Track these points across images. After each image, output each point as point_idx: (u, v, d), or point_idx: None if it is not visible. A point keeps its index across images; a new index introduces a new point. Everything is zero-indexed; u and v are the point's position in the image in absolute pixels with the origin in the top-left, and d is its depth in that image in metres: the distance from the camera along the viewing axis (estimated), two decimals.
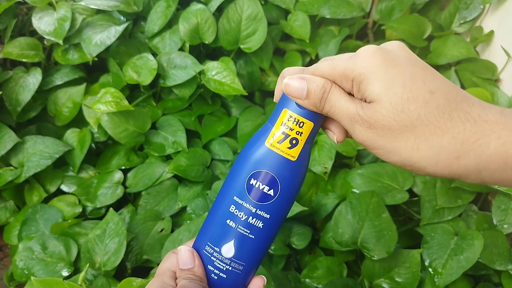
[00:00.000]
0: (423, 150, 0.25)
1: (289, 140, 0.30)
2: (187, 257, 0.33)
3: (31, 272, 0.63)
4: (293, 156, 0.31)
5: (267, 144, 0.31)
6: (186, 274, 0.33)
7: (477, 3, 0.85)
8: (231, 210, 0.32)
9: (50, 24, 0.75)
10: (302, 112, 0.30)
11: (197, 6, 0.80)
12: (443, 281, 0.59)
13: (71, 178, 0.78)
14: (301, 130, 0.30)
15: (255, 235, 0.32)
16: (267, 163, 0.31)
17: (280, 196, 0.31)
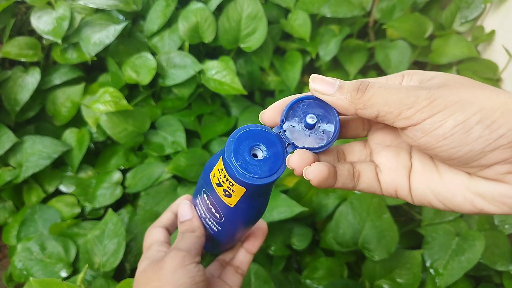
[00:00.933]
0: (503, 97, 0.20)
1: (222, 189, 0.28)
2: (186, 209, 0.36)
3: (30, 273, 0.63)
4: (229, 203, 0.28)
5: (211, 177, 0.29)
6: (186, 226, 0.35)
7: (478, 2, 0.85)
8: (202, 194, 0.33)
9: (49, 23, 0.75)
10: (229, 172, 0.25)
11: (197, 5, 0.80)
12: (444, 282, 0.59)
13: (69, 178, 0.77)
14: (232, 188, 0.26)
15: (218, 229, 0.34)
16: (210, 194, 0.31)
17: (225, 223, 0.32)
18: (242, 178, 0.24)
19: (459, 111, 0.20)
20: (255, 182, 0.24)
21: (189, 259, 0.32)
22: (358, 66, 0.83)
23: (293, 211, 0.62)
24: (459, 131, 0.20)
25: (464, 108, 0.20)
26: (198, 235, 0.35)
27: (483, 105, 0.20)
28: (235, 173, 0.25)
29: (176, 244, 0.34)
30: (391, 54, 0.82)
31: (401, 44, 0.82)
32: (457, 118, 0.20)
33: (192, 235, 0.35)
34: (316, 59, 0.86)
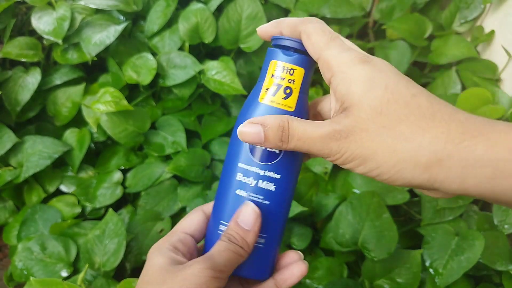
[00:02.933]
0: (400, 152, 0.23)
1: (282, 90, 0.28)
2: (251, 217, 0.29)
3: (30, 273, 0.63)
4: (290, 107, 0.29)
5: (261, 101, 0.29)
6: (239, 237, 0.29)
7: (478, 3, 0.85)
8: (239, 179, 0.29)
9: (50, 23, 0.75)
10: (291, 59, 0.28)
11: (197, 5, 0.80)
12: (444, 281, 0.59)
13: (70, 178, 0.78)
14: (292, 78, 0.28)
15: (269, 199, 0.29)
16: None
17: (286, 152, 0.29)
18: (300, 47, 0.28)
19: (362, 165, 0.24)
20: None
21: (217, 283, 0.27)
22: None
23: (293, 210, 0.62)
24: (366, 175, 0.25)
25: (365, 163, 0.24)
26: (243, 254, 0.29)
27: (380, 163, 0.23)
28: (295, 43, 0.28)
29: (212, 255, 0.28)
30: (391, 54, 0.82)
31: (400, 44, 0.82)
32: (361, 170, 0.25)
33: (237, 249, 0.28)
34: None
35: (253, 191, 0.29)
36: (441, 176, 0.22)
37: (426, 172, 0.22)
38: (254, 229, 0.29)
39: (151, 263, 0.29)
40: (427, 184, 0.23)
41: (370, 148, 0.23)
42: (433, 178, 0.22)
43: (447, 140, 0.22)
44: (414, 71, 0.90)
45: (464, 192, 0.22)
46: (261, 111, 0.29)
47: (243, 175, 0.29)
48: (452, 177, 0.22)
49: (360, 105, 0.24)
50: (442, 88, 0.79)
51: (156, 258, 0.29)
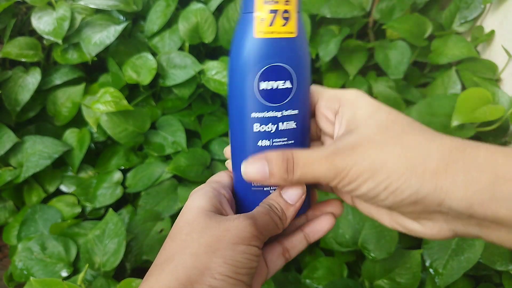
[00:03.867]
0: (410, 159, 0.23)
1: (280, 16, 0.25)
2: (297, 193, 0.28)
3: (30, 273, 0.63)
4: (291, 32, 0.26)
5: (257, 35, 0.25)
6: (279, 205, 0.28)
7: (478, 3, 0.85)
8: (256, 130, 0.27)
9: (50, 23, 0.75)
10: None
11: (197, 5, 0.80)
12: (444, 281, 0.59)
13: (70, 178, 0.78)
14: (288, 1, 0.25)
15: (294, 138, 0.28)
16: (268, 56, 0.26)
17: (298, 83, 0.27)
18: None
19: (370, 178, 0.24)
20: None
21: (257, 241, 0.26)
22: (358, 66, 0.83)
23: None
24: (372, 194, 0.25)
25: (373, 175, 0.24)
26: (280, 226, 0.28)
27: (389, 171, 0.24)
28: None
29: (255, 214, 0.27)
30: (391, 54, 0.82)
31: (400, 44, 0.82)
32: (368, 185, 0.24)
33: (276, 220, 0.28)
34: (315, 59, 0.86)
35: (276, 136, 0.28)
36: (447, 183, 0.22)
37: (433, 179, 0.23)
38: (296, 206, 0.29)
39: (194, 204, 0.28)
40: (433, 194, 0.23)
41: (379, 158, 0.24)
42: (439, 185, 0.23)
43: (452, 148, 0.23)
44: (414, 71, 0.90)
45: (467, 201, 0.22)
46: (260, 47, 0.25)
47: (260, 124, 0.27)
48: (457, 182, 0.22)
49: (366, 124, 0.25)
50: (442, 88, 0.79)
51: (200, 200, 0.28)
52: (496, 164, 0.22)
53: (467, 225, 0.24)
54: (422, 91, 0.84)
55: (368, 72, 0.88)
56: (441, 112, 0.68)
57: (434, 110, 0.69)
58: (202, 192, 0.29)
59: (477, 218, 0.23)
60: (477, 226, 0.23)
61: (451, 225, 0.25)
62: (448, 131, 0.66)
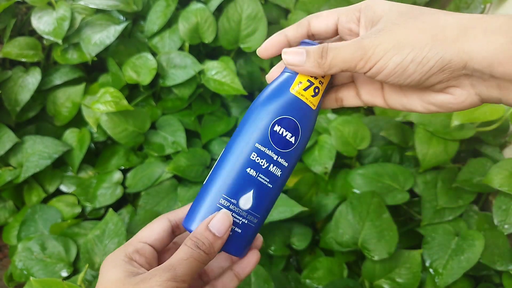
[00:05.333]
0: (432, 29, 0.25)
1: (313, 88, 0.31)
2: (224, 224, 0.29)
3: (30, 273, 0.63)
4: (314, 105, 0.32)
5: (292, 91, 0.31)
6: (207, 244, 0.28)
7: (478, 3, 0.85)
8: (253, 158, 0.30)
9: (50, 23, 0.75)
10: None
11: (197, 5, 0.80)
12: (444, 281, 0.59)
13: (70, 178, 0.78)
14: (323, 80, 0.32)
15: (273, 184, 0.31)
16: (292, 110, 0.31)
17: (299, 143, 0.32)
18: None
19: (396, 54, 0.25)
20: None
21: None
22: None
23: (293, 211, 0.62)
24: (399, 69, 0.26)
25: (399, 50, 0.25)
26: (206, 261, 0.28)
27: (414, 44, 0.25)
28: None
29: (173, 264, 0.27)
30: None
31: None
32: (395, 60, 0.26)
33: (202, 257, 0.28)
34: None
35: (263, 173, 0.31)
36: (468, 46, 0.24)
37: (455, 44, 0.24)
38: (223, 238, 0.29)
39: (105, 277, 0.27)
40: (457, 57, 0.25)
41: (404, 34, 0.26)
42: (461, 49, 0.24)
43: (471, 18, 0.25)
44: None
45: (488, 61, 0.24)
46: (291, 100, 0.31)
47: (257, 156, 0.31)
48: (477, 44, 0.24)
49: (388, 14, 0.27)
50: None
51: (110, 271, 0.28)
52: (510, 28, 0.23)
53: (490, 87, 0.25)
54: None
55: None
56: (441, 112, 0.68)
57: None
58: (111, 261, 0.29)
59: (498, 78, 0.24)
60: (497, 88, 0.25)
61: (476, 89, 0.26)
62: (448, 131, 0.66)
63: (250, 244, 0.32)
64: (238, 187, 0.31)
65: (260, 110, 0.31)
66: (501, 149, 0.73)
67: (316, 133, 0.78)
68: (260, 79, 0.87)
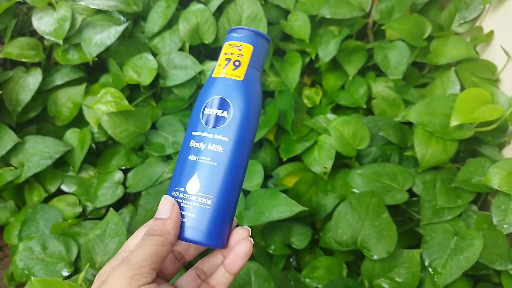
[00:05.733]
0: None
1: (232, 63, 0.33)
2: (167, 206, 0.31)
3: (31, 272, 0.63)
4: (238, 76, 0.33)
5: (214, 75, 0.33)
6: (155, 227, 0.30)
7: (477, 3, 0.85)
8: (192, 145, 0.32)
9: (50, 24, 0.75)
10: (239, 37, 0.34)
11: (197, 6, 0.80)
12: (443, 281, 0.59)
13: (71, 178, 0.78)
14: (241, 53, 0.33)
15: (217, 162, 0.31)
16: (215, 89, 0.33)
17: (234, 116, 0.32)
18: (250, 30, 0.34)
19: None
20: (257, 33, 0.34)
21: (139, 280, 0.26)
22: (357, 66, 0.84)
23: (292, 210, 0.62)
24: None
25: None
26: (164, 242, 0.29)
27: None
28: (245, 29, 0.34)
29: (129, 256, 0.28)
30: (390, 54, 0.83)
31: (400, 44, 0.83)
32: None
33: (156, 240, 0.29)
34: (315, 60, 0.86)
35: (202, 154, 0.32)
36: None
37: None
38: (172, 217, 0.31)
39: None
40: None
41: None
42: None
43: None
44: (413, 71, 0.90)
45: None
46: (212, 83, 0.33)
47: (195, 141, 0.32)
48: None
49: None
50: (441, 89, 0.79)
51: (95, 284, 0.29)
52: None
53: None
54: (421, 91, 0.84)
55: (367, 73, 0.88)
56: (440, 112, 0.69)
57: (433, 110, 0.69)
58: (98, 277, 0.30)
59: None
60: None
61: None
62: (447, 131, 0.67)
63: (224, 232, 0.32)
64: (183, 175, 0.32)
65: (195, 105, 0.34)
66: (500, 149, 0.74)
67: (315, 133, 0.78)
68: None
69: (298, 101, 0.86)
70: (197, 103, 0.34)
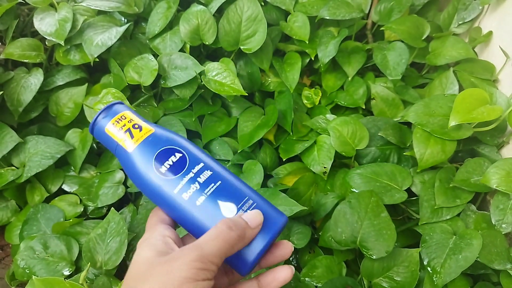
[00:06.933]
0: None
1: (133, 129, 0.33)
2: (257, 218, 0.29)
3: (33, 272, 0.63)
4: (150, 130, 0.33)
5: (130, 150, 0.32)
6: (241, 225, 0.28)
7: (476, 4, 0.85)
8: (187, 197, 0.30)
9: (51, 25, 0.76)
10: (114, 112, 0.34)
11: (198, 7, 0.81)
12: (442, 280, 0.59)
13: (72, 178, 0.78)
14: (129, 118, 0.34)
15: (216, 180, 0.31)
16: (146, 154, 0.32)
17: (186, 149, 0.32)
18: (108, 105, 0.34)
19: None
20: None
21: (204, 274, 0.25)
22: (357, 67, 0.84)
23: (292, 210, 0.63)
24: None
25: None
26: (235, 243, 0.27)
27: None
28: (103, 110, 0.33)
29: (201, 244, 0.26)
30: (389, 55, 0.83)
31: (399, 45, 0.83)
32: None
33: (234, 239, 0.27)
34: (315, 60, 0.87)
35: (203, 188, 0.31)
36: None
37: None
38: (254, 230, 0.29)
39: (135, 259, 0.28)
40: None
41: None
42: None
43: None
44: (412, 72, 0.90)
45: None
46: (138, 154, 0.31)
47: (186, 191, 0.30)
48: None
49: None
50: (439, 89, 0.79)
51: (143, 250, 0.28)
52: None
53: None
54: (420, 92, 0.84)
55: (366, 73, 0.88)
56: (439, 113, 0.69)
57: (432, 110, 0.69)
58: (144, 240, 0.30)
59: None
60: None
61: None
62: (446, 131, 0.67)
63: (255, 260, 0.30)
64: (211, 216, 0.30)
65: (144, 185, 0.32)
66: (498, 149, 0.74)
67: (315, 133, 0.79)
68: (259, 80, 0.87)
69: (298, 102, 0.86)
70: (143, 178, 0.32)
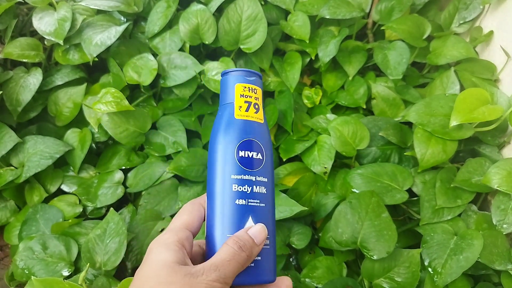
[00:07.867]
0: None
1: (252, 106, 0.34)
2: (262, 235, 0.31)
3: (32, 272, 0.63)
4: (260, 119, 0.34)
5: (237, 117, 0.34)
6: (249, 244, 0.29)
7: (477, 3, 0.85)
8: (235, 189, 0.32)
9: (51, 24, 0.76)
10: (252, 81, 0.35)
11: (197, 6, 0.80)
12: (443, 280, 0.59)
13: (71, 178, 0.78)
14: (257, 96, 0.35)
15: (264, 202, 0.33)
16: (245, 132, 0.33)
17: (266, 157, 0.34)
18: (257, 74, 0.35)
19: None
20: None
21: None
22: (357, 67, 0.84)
23: (292, 210, 0.62)
24: None
25: None
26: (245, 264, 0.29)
27: None
28: (254, 73, 0.35)
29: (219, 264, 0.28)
30: (390, 55, 0.83)
31: (399, 45, 0.83)
32: None
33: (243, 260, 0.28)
34: (315, 60, 0.86)
35: (250, 197, 0.32)
36: None
37: None
38: (259, 247, 0.30)
39: (155, 258, 0.28)
40: None
41: None
42: None
43: None
44: (413, 71, 0.90)
45: None
46: (240, 124, 0.33)
47: (238, 185, 0.32)
48: None
49: None
50: (440, 89, 0.79)
51: (162, 253, 0.28)
52: None
53: None
54: (421, 91, 0.84)
55: (367, 73, 0.88)
56: (439, 112, 0.69)
57: (432, 110, 0.69)
58: (163, 244, 0.29)
59: None
60: None
61: None
62: (447, 131, 0.67)
63: (275, 266, 0.33)
64: (237, 220, 0.32)
65: (219, 146, 0.34)
66: (499, 149, 0.74)
67: (315, 133, 0.78)
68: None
69: (298, 101, 0.86)
70: (219, 144, 0.34)
